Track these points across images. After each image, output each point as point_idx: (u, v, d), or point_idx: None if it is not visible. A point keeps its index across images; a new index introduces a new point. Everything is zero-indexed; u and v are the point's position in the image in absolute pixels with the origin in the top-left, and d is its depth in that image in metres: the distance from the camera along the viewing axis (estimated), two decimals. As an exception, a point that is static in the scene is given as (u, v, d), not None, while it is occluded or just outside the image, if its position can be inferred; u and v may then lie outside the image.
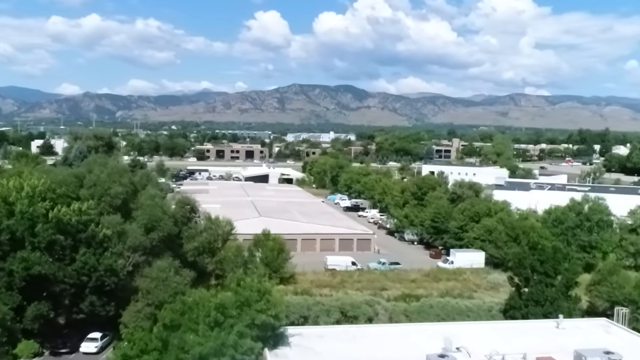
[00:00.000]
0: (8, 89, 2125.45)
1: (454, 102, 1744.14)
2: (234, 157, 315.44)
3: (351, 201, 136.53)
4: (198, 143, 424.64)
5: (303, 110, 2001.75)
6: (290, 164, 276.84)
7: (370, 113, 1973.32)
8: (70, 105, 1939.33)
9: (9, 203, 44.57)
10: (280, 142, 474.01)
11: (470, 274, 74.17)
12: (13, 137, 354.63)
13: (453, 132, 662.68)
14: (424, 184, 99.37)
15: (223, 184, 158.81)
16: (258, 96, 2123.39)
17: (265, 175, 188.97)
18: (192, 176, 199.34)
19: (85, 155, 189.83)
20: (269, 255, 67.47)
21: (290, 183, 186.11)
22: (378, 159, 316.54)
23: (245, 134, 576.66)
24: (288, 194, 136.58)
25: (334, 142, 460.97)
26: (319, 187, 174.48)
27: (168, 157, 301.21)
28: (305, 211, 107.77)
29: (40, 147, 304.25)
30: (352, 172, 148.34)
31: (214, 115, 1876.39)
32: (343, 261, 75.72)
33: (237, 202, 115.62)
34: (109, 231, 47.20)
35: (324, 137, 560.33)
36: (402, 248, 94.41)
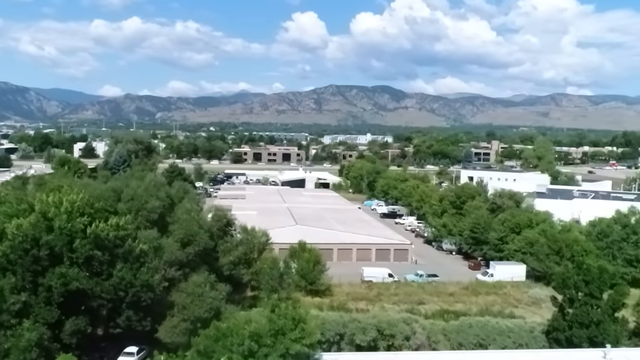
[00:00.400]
0: (53, 91, 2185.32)
1: (493, 103, 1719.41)
2: (271, 159, 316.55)
3: (388, 207, 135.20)
4: (235, 145, 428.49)
5: (340, 111, 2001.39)
6: (327, 167, 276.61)
7: (407, 114, 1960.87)
8: (112, 106, 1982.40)
9: (48, 219, 45.03)
10: (317, 144, 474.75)
11: (511, 288, 72.29)
12: (57, 139, 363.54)
13: (492, 133, 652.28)
14: (462, 193, 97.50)
15: (260, 189, 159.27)
16: (295, 97, 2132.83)
17: (302, 179, 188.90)
18: (229, 180, 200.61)
19: (125, 160, 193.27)
20: (304, 267, 67.02)
21: (327, 187, 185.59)
22: (415, 162, 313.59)
23: (282, 136, 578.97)
24: (324, 200, 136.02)
25: (371, 145, 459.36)
26: (355, 192, 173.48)
27: (206, 160, 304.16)
28: (341, 219, 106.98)
29: (82, 150, 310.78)
30: (389, 177, 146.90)
31: (251, 116, 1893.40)
32: (380, 273, 74.71)
33: (273, 209, 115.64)
34: (145, 246, 47.31)
35: (361, 139, 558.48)
36: (440, 258, 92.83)
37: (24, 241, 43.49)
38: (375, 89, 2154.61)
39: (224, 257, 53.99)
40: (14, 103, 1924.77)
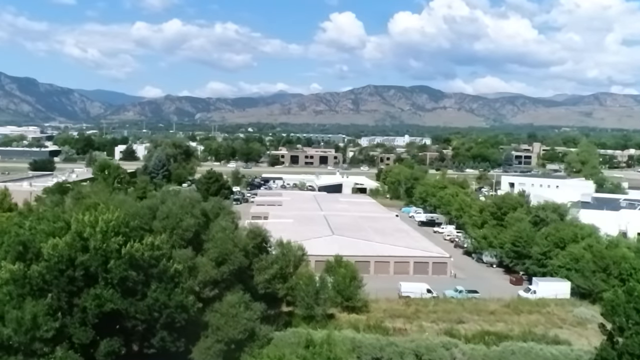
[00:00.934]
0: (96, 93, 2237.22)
1: (534, 102, 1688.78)
2: (308, 162, 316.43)
3: (426, 215, 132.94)
4: (273, 147, 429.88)
5: (377, 111, 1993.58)
6: (364, 171, 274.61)
7: (446, 114, 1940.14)
8: (153, 107, 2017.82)
9: (83, 238, 44.92)
10: (354, 146, 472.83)
11: (555, 307, 69.64)
12: (98, 142, 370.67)
13: (533, 134, 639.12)
14: (504, 204, 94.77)
15: (296, 194, 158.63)
16: (332, 97, 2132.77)
17: (339, 184, 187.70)
18: (266, 184, 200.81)
19: (164, 164, 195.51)
20: (340, 283, 65.83)
21: (364, 193, 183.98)
22: (454, 166, 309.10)
23: (319, 138, 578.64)
24: (361, 207, 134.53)
25: (409, 147, 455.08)
26: (393, 198, 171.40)
27: (244, 163, 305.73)
28: (379, 228, 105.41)
29: (122, 153, 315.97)
30: (428, 184, 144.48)
31: (289, 117, 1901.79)
32: (418, 288, 72.94)
33: (309, 217, 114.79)
34: (180, 266, 46.80)
35: (399, 141, 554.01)
36: (479, 271, 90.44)
37: (59, 261, 43.46)
38: (413, 89, 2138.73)
39: (259, 275, 53.21)
40: (58, 104, 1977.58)
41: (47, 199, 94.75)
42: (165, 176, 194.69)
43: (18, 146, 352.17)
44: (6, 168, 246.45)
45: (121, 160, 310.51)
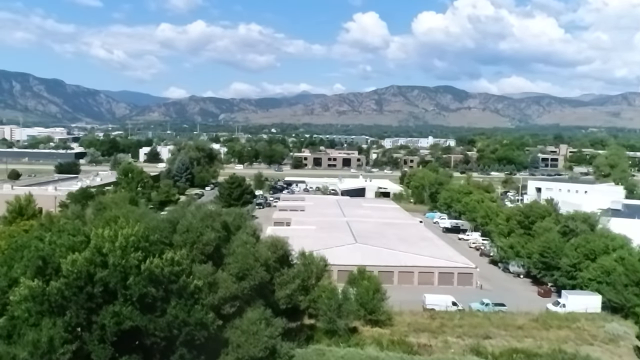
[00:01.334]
0: (121, 94, 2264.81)
1: (560, 102, 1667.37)
2: (331, 164, 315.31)
3: (451, 221, 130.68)
4: (296, 149, 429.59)
5: (401, 112, 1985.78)
6: (387, 174, 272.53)
7: (470, 114, 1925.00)
8: (177, 108, 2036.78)
9: (103, 254, 44.32)
10: (378, 148, 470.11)
11: (585, 322, 67.36)
12: (123, 143, 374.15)
13: (560, 135, 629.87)
14: (531, 213, 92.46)
15: (319, 199, 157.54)
16: (356, 98, 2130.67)
17: (362, 188, 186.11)
18: (289, 188, 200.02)
19: (187, 167, 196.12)
20: (363, 296, 64.47)
21: (387, 197, 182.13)
22: (479, 168, 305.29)
23: (342, 139, 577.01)
24: (385, 212, 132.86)
25: (433, 148, 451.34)
26: (417, 203, 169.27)
27: (267, 165, 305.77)
28: (403, 236, 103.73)
29: (147, 155, 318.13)
30: (453, 190, 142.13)
31: (312, 117, 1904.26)
32: (443, 301, 71.21)
33: (332, 223, 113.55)
34: (200, 282, 45.93)
35: (422, 142, 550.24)
36: (506, 282, 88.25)
37: (78, 278, 42.91)
38: (437, 89, 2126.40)
39: (280, 289, 52.19)
40: (85, 105, 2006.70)
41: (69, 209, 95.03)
42: (189, 179, 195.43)
43: (45, 148, 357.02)
44: (33, 170, 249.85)
45: (145, 162, 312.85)
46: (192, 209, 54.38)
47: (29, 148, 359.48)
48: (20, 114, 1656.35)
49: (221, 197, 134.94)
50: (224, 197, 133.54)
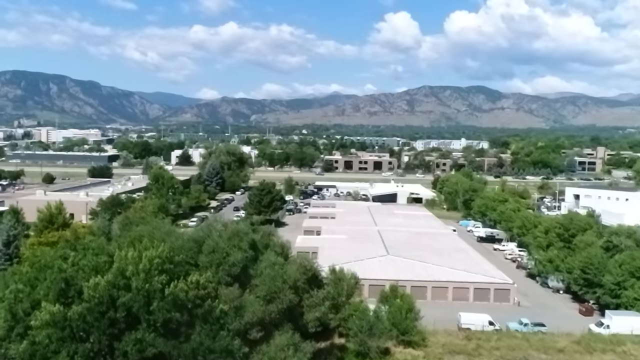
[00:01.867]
0: (155, 95, 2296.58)
1: (596, 102, 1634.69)
2: (362, 167, 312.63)
3: (486, 231, 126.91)
4: (327, 152, 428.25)
5: (433, 112, 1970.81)
6: (419, 178, 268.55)
7: (503, 115, 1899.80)
8: (209, 109, 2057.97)
9: (126, 277, 42.89)
10: (409, 150, 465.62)
11: (632, 345, 63.59)
12: (156, 146, 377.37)
13: (597, 137, 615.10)
14: (571, 225, 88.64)
15: (350, 205, 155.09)
16: (387, 99, 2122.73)
17: (394, 194, 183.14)
18: (319, 193, 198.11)
19: (218, 172, 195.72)
20: (396, 315, 61.97)
21: (420, 202, 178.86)
22: (514, 172, 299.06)
23: (373, 142, 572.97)
24: (417, 221, 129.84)
25: (466, 151, 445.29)
26: (450, 209, 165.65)
27: (297, 168, 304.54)
28: (436, 247, 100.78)
29: (179, 158, 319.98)
30: (487, 197, 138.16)
31: (343, 118, 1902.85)
32: (479, 320, 68.23)
33: (363, 233, 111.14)
34: (226, 306, 44.20)
35: (455, 144, 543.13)
36: (545, 298, 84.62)
37: (100, 302, 41.60)
38: (470, 89, 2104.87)
39: (309, 312, 50.08)
40: (119, 107, 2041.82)
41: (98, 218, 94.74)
42: (219, 184, 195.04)
43: (79, 150, 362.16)
44: (67, 173, 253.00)
45: (177, 165, 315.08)
46: (219, 226, 52.47)
47: (64, 150, 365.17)
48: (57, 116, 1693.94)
49: (251, 204, 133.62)
50: (254, 204, 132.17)
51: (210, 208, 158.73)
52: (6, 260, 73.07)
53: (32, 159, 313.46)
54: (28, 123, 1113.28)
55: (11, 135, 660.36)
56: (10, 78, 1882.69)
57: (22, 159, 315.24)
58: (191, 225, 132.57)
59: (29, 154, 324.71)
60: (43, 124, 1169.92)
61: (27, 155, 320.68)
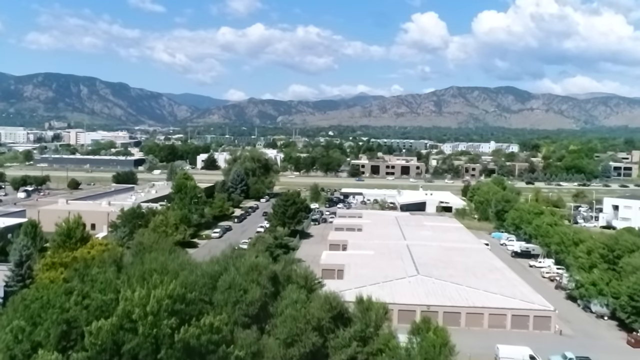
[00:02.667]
0: (183, 96, 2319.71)
1: (629, 103, 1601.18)
2: (389, 172, 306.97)
3: (521, 245, 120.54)
4: (353, 155, 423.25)
5: (461, 113, 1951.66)
6: (448, 184, 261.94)
7: (533, 116, 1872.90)
8: (236, 111, 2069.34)
9: (132, 320, 38.86)
10: (437, 154, 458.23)
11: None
12: (182, 149, 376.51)
13: (631, 140, 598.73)
14: (617, 246, 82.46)
15: (377, 216, 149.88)
16: (414, 99, 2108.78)
17: (422, 202, 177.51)
18: (346, 201, 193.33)
19: (242, 179, 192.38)
20: (429, 352, 56.93)
21: (449, 211, 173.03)
22: (546, 178, 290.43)
23: (400, 145, 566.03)
24: (448, 234, 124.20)
25: (495, 155, 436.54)
26: (481, 220, 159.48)
27: (323, 173, 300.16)
28: (469, 265, 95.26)
29: (204, 162, 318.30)
30: (522, 209, 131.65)
31: (369, 119, 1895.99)
32: (519, 353, 62.81)
33: (392, 248, 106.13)
34: (242, 352, 39.92)
35: (484, 147, 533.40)
36: (588, 325, 78.53)
37: (102, 350, 37.68)
38: (498, 89, 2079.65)
39: (335, 354, 45.58)
40: (148, 108, 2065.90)
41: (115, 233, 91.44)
42: (244, 191, 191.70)
43: (106, 154, 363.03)
44: (93, 178, 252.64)
45: (203, 169, 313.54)
46: (235, 257, 48.20)
47: (91, 154, 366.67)
48: (87, 117, 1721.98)
49: (275, 215, 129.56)
50: (278, 215, 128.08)
51: (234, 217, 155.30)
52: (18, 281, 69.96)
53: (60, 163, 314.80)
54: (58, 125, 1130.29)
55: (41, 137, 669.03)
56: (43, 80, 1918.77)
57: (50, 163, 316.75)
58: (214, 236, 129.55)
59: (57, 157, 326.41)
60: (73, 126, 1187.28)
61: (55, 159, 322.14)
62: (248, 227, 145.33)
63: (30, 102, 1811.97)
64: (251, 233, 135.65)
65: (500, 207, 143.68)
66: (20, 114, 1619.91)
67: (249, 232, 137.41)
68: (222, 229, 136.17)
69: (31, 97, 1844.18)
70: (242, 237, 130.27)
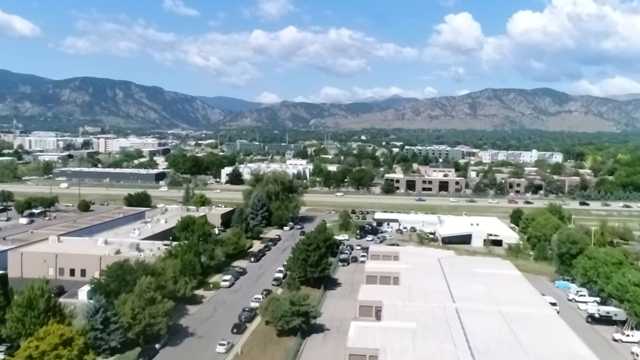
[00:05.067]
0: (217, 99, 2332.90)
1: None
2: (426, 188, 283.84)
3: (599, 309, 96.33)
4: (387, 165, 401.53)
5: (496, 116, 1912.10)
6: (492, 204, 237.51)
7: (571, 118, 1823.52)
8: (269, 114, 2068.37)
9: None
10: (476, 164, 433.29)
11: None
12: (207, 160, 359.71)
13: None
14: None
15: (417, 258, 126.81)
16: (448, 102, 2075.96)
17: (467, 235, 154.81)
18: (380, 230, 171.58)
19: (264, 204, 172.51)
20: None
21: (499, 245, 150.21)
22: (600, 195, 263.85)
23: (436, 152, 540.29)
24: (505, 289, 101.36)
25: (539, 165, 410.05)
26: (538, 259, 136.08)
27: (354, 189, 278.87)
28: (541, 350, 72.85)
29: (229, 175, 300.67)
30: (596, 258, 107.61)
31: (403, 122, 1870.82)
32: None
33: (438, 318, 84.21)
34: None
35: (525, 156, 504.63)
36: None
37: None
38: (535, 91, 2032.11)
39: None
40: (182, 112, 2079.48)
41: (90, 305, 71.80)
42: (265, 217, 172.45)
43: (128, 166, 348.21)
44: (108, 197, 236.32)
45: (227, 183, 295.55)
46: None
47: (113, 166, 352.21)
48: (122, 121, 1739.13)
49: (295, 261, 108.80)
50: (299, 262, 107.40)
51: (250, 254, 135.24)
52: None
53: (79, 177, 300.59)
54: (92, 130, 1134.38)
55: (70, 144, 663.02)
56: (79, 84, 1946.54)
57: (69, 177, 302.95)
58: (223, 285, 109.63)
59: (76, 171, 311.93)
60: (107, 130, 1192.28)
61: (74, 173, 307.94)
62: (266, 268, 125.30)
63: (67, 106, 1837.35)
64: (268, 279, 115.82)
65: (564, 249, 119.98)
66: (57, 118, 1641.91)
67: (266, 277, 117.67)
68: (234, 274, 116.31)
69: (68, 101, 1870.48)
70: (256, 286, 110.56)
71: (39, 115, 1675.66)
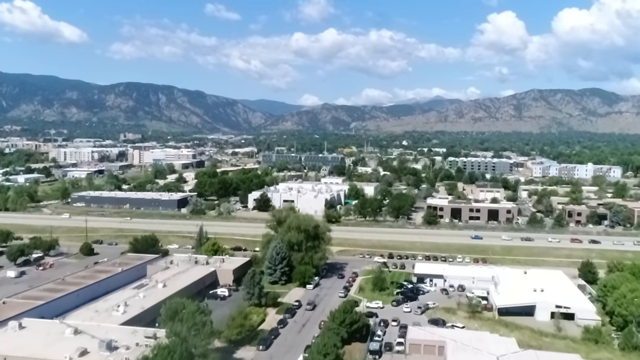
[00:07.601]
0: (258, 103, 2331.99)
1: None
2: (473, 217, 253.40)
3: None
4: (429, 183, 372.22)
5: (542, 117, 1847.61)
6: (552, 243, 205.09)
7: (622, 119, 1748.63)
8: (310, 117, 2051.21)
9: None
10: (527, 182, 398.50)
11: None
12: (236, 180, 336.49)
13: None
14: None
15: (468, 345, 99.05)
16: (492, 103, 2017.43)
17: (531, 306, 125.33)
18: (421, 290, 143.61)
19: (283, 257, 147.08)
20: None
21: (571, 319, 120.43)
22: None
23: (482, 165, 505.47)
24: None
25: (597, 183, 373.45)
26: (626, 349, 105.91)
27: (393, 219, 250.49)
28: None
29: (256, 201, 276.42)
30: None
31: (445, 124, 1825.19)
32: None
33: None
34: None
35: (580, 171, 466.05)
36: None
37: None
38: (583, 92, 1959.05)
39: None
40: (224, 115, 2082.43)
41: None
42: (285, 273, 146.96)
43: (152, 188, 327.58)
44: (120, 232, 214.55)
45: (254, 209, 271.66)
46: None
47: (136, 188, 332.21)
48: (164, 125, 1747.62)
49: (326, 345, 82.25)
50: (330, 345, 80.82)
51: (260, 335, 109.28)
52: None
53: (98, 203, 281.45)
54: (133, 137, 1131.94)
55: (105, 155, 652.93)
56: (124, 90, 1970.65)
57: (87, 202, 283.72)
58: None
59: (95, 196, 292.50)
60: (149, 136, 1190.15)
61: (93, 199, 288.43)
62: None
63: (112, 111, 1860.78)
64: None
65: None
66: (102, 123, 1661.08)
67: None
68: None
69: (113, 106, 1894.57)
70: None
71: (85, 120, 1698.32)
